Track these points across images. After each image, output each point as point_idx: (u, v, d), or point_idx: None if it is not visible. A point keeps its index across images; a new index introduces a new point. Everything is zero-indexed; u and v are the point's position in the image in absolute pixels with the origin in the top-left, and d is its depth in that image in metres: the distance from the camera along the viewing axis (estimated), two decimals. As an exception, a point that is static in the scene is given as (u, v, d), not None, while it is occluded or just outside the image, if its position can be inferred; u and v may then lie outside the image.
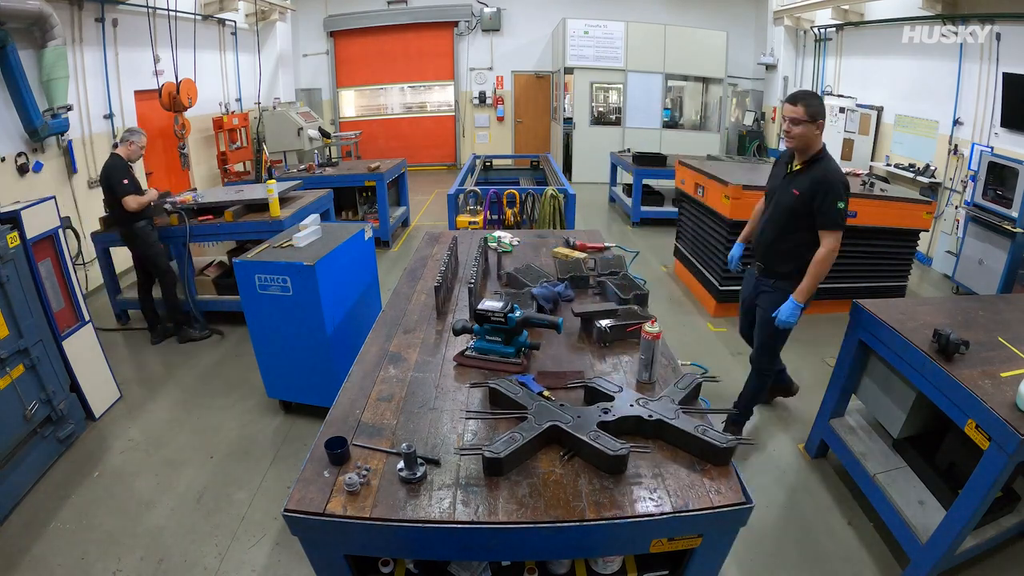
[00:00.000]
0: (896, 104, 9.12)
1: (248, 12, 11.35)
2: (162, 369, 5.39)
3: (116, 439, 4.39)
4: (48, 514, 3.62)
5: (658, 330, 2.46)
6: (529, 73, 15.13)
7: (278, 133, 10.18)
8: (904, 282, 6.46)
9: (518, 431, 2.04)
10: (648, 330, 2.47)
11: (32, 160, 6.35)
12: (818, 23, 11.11)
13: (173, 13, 8.27)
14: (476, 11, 14.42)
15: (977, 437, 2.61)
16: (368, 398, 2.43)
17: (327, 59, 15.01)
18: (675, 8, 14.00)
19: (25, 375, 3.85)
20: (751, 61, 13.90)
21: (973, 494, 2.68)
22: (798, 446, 4.25)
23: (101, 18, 7.39)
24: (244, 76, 11.47)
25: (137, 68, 8.11)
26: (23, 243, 3.95)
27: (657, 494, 1.89)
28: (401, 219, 9.71)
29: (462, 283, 3.66)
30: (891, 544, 3.32)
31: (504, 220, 6.87)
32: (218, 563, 3.26)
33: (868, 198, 6.01)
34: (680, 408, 2.17)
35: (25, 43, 6.18)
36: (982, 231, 6.67)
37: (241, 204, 5.95)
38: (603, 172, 12.43)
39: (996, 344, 3.07)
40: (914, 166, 8.46)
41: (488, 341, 2.71)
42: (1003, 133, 7.07)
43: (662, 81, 13.37)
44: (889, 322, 3.27)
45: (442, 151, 15.87)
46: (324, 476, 1.97)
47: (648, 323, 2.48)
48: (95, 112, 7.37)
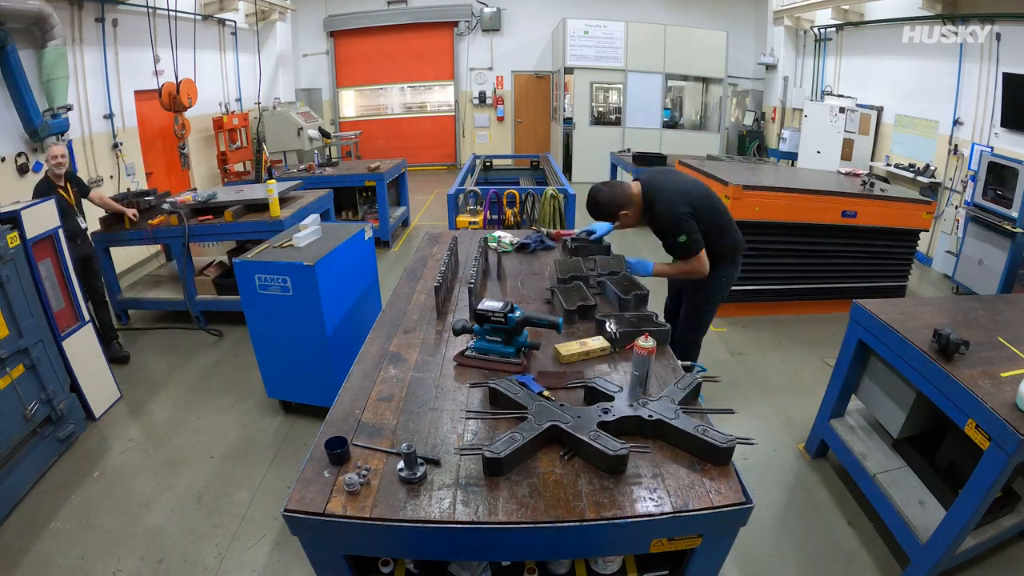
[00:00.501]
0: (896, 104, 9.13)
1: (248, 12, 11.34)
2: (162, 369, 5.38)
3: (116, 439, 4.40)
4: (48, 514, 3.62)
5: (652, 344, 2.30)
6: (529, 73, 15.13)
7: (278, 133, 10.18)
8: (904, 282, 6.47)
9: (518, 431, 2.04)
10: (641, 345, 2.29)
11: (32, 160, 6.35)
12: (818, 23, 11.11)
13: (173, 13, 8.27)
14: (476, 11, 14.42)
15: (977, 437, 2.61)
16: (368, 398, 2.43)
17: (327, 59, 15.01)
18: (675, 8, 13.99)
19: (25, 375, 3.86)
20: (751, 61, 13.89)
21: (973, 494, 2.67)
22: (798, 446, 4.25)
23: (101, 18, 7.39)
24: (244, 76, 11.47)
25: (137, 68, 8.12)
26: (23, 243, 3.95)
27: (657, 494, 1.89)
28: (401, 219, 9.71)
29: (462, 283, 3.66)
30: (891, 544, 3.32)
31: (504, 220, 6.87)
32: (218, 563, 3.26)
33: (868, 198, 6.01)
34: (680, 408, 2.17)
35: (25, 43, 6.19)
36: (982, 231, 6.67)
37: (241, 204, 5.95)
38: (603, 172, 12.42)
39: (996, 344, 3.07)
40: (914, 166, 8.46)
41: (488, 341, 2.70)
42: (1003, 133, 7.07)
43: (662, 81, 13.36)
44: (889, 322, 3.27)
45: (442, 151, 15.86)
46: (324, 476, 1.97)
47: (641, 338, 2.32)
48: (95, 112, 7.37)
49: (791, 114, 12.10)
